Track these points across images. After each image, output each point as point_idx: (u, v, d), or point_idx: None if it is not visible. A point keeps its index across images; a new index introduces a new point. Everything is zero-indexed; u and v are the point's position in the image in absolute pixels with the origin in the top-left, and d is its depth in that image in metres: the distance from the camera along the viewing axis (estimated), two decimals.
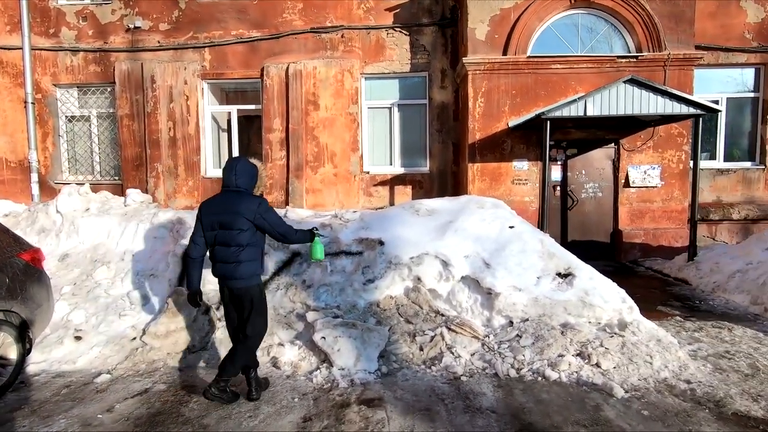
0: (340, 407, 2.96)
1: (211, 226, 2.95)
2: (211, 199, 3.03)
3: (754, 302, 4.87)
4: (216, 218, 2.94)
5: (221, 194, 3.00)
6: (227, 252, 2.94)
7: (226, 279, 2.99)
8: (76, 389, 3.26)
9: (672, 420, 2.77)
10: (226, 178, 2.98)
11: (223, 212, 2.92)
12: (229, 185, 2.97)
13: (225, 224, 2.92)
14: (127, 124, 8.73)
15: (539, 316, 3.84)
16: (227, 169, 2.99)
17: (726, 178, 8.45)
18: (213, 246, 2.98)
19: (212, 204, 2.99)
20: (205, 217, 2.97)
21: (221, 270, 2.99)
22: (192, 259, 3.03)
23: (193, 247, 3.01)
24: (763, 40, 8.25)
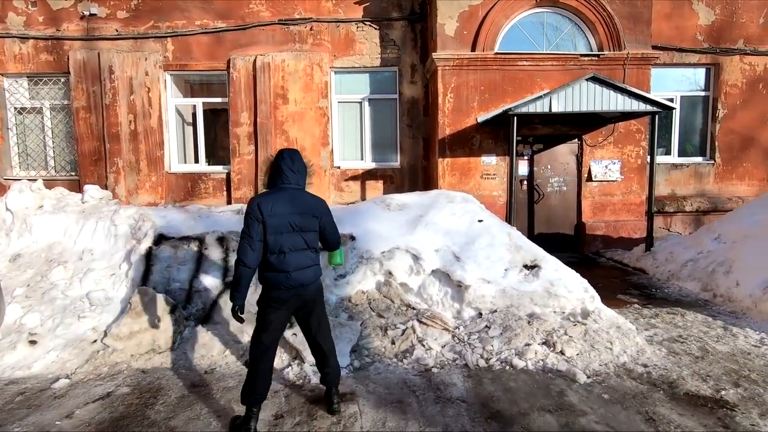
0: (311, 403, 2.95)
1: (278, 229, 2.56)
2: (268, 197, 2.58)
3: (704, 289, 5.19)
4: (287, 219, 2.57)
5: (283, 192, 2.61)
6: (303, 257, 2.64)
7: (300, 287, 2.63)
8: (32, 396, 3.10)
9: (630, 402, 2.93)
10: (284, 173, 2.61)
11: (294, 212, 2.59)
12: (290, 182, 2.63)
13: (298, 226, 2.60)
14: (83, 116, 8.29)
15: (507, 307, 3.95)
16: (287, 164, 2.63)
17: (680, 172, 8.92)
18: (281, 252, 2.57)
19: (276, 203, 2.56)
20: (270, 218, 2.53)
21: (298, 278, 2.60)
22: (249, 269, 2.54)
23: (251, 254, 2.53)
24: (714, 42, 8.72)
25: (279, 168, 2.64)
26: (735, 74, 8.81)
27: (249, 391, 2.60)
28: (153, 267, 4.12)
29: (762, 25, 8.72)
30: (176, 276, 4.12)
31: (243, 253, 2.54)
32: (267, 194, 2.62)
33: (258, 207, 2.55)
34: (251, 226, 2.54)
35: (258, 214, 2.54)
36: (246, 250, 2.53)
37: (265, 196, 2.60)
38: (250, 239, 2.53)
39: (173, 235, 4.32)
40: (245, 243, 2.54)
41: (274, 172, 2.66)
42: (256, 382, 2.60)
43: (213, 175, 8.64)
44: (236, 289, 2.58)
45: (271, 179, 2.68)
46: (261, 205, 2.55)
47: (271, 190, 2.65)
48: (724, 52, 8.72)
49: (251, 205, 2.57)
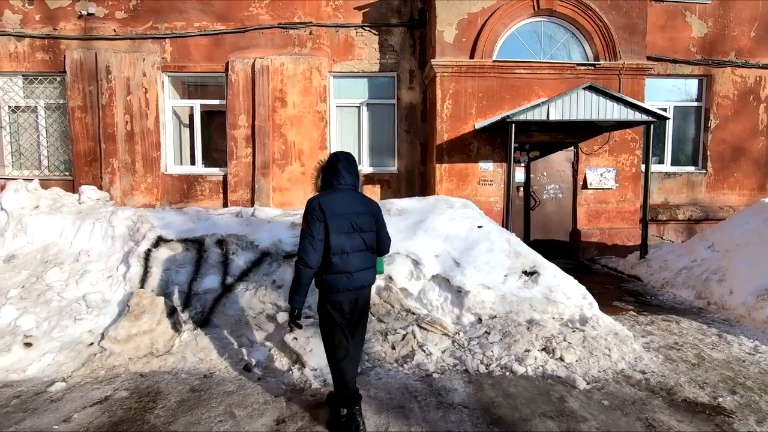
0: (313, 408, 2.94)
1: (340, 229, 2.52)
2: (328, 197, 2.55)
3: (698, 296, 5.26)
4: (348, 219, 2.53)
5: (341, 192, 2.58)
6: (364, 257, 2.61)
7: (360, 289, 2.61)
8: (28, 399, 3.05)
9: (629, 408, 2.95)
10: (341, 174, 2.60)
11: (354, 212, 2.56)
12: (347, 183, 2.62)
13: (358, 226, 2.57)
14: (79, 116, 8.22)
15: (506, 313, 3.97)
16: (343, 165, 2.62)
17: (673, 181, 9.06)
18: (344, 253, 2.53)
19: (336, 203, 2.52)
20: (333, 219, 2.49)
21: (359, 279, 2.58)
22: (311, 270, 2.49)
23: (313, 254, 2.47)
24: (706, 54, 8.89)
25: (336, 169, 2.61)
26: (726, 86, 8.99)
27: (347, 397, 2.59)
28: (151, 269, 4.08)
29: (753, 39, 8.91)
30: (175, 278, 4.09)
31: (305, 253, 2.47)
32: (326, 194, 2.57)
33: (319, 206, 2.49)
34: (313, 225, 2.47)
35: (319, 214, 2.48)
36: (308, 249, 2.47)
37: (325, 196, 2.55)
38: (312, 239, 2.47)
39: (172, 238, 4.29)
40: (307, 243, 2.47)
41: (330, 173, 2.63)
42: (349, 387, 2.59)
43: (209, 178, 8.60)
44: (297, 292, 2.52)
45: (327, 180, 2.64)
46: (322, 205, 2.49)
47: (329, 191, 2.61)
48: (716, 63, 8.90)
49: (312, 205, 2.51)
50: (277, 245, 4.35)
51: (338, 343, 2.63)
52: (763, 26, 8.93)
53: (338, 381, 2.62)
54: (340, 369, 2.61)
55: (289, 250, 4.34)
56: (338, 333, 2.63)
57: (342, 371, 2.61)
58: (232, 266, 4.17)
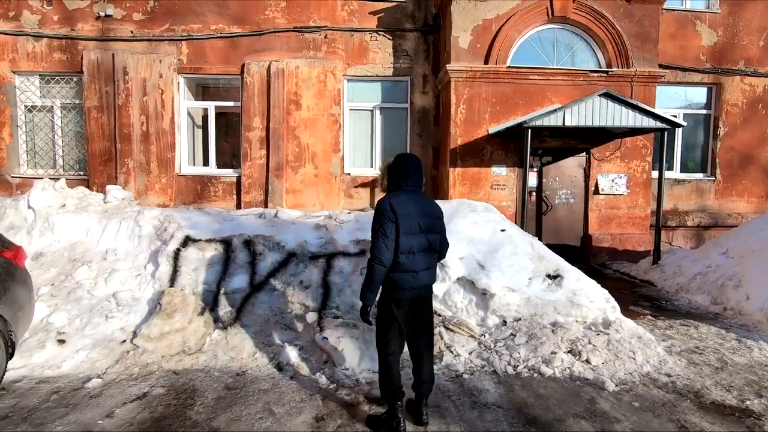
0: (350, 406, 2.99)
1: (410, 229, 2.58)
2: (399, 198, 2.60)
3: (714, 302, 5.32)
4: (417, 220, 2.60)
5: (409, 194, 2.65)
6: (429, 257, 2.70)
7: (423, 287, 2.70)
8: (67, 395, 3.10)
9: (660, 410, 3.01)
10: (409, 176, 2.65)
11: (422, 214, 2.64)
12: (415, 184, 2.68)
13: (427, 227, 2.64)
14: (95, 116, 8.28)
15: (531, 316, 4.03)
16: (411, 167, 2.67)
17: (682, 187, 9.14)
18: (411, 252, 2.59)
19: (406, 204, 2.59)
20: (403, 219, 2.55)
21: (423, 278, 2.67)
22: (384, 268, 2.54)
23: (387, 252, 2.53)
24: (716, 62, 9.00)
25: (404, 171, 2.67)
26: (736, 94, 9.09)
27: (391, 392, 2.65)
28: (181, 268, 4.13)
29: (762, 48, 9.02)
30: (204, 278, 4.14)
31: (380, 252, 2.53)
32: (395, 195, 2.63)
33: (391, 207, 2.55)
34: (386, 225, 2.54)
35: (391, 214, 2.54)
36: (383, 248, 2.53)
37: (395, 197, 2.61)
38: (385, 238, 2.53)
39: (200, 237, 4.34)
40: (381, 242, 2.53)
41: (397, 175, 2.68)
42: (394, 381, 2.67)
43: (223, 179, 8.66)
44: (370, 289, 2.58)
45: (394, 182, 2.70)
46: (394, 205, 2.56)
47: (397, 192, 2.66)
48: (725, 72, 9.01)
49: (383, 205, 2.58)
50: (303, 246, 4.40)
51: (392, 338, 2.71)
52: None
53: (384, 375, 2.70)
54: (388, 363, 2.69)
55: (314, 251, 4.41)
56: (394, 329, 2.70)
57: (389, 366, 2.69)
58: (260, 266, 4.22)
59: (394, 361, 2.71)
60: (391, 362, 2.69)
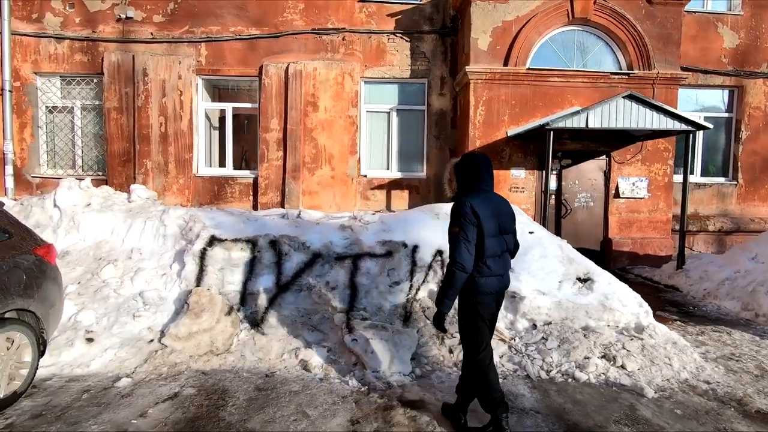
0: (384, 410, 2.93)
1: (492, 231, 2.46)
2: (477, 199, 2.47)
3: (745, 308, 5.19)
4: (497, 222, 2.49)
5: (486, 195, 2.53)
6: (508, 259, 2.62)
7: (504, 289, 2.61)
8: (98, 394, 3.07)
9: (704, 418, 2.92)
10: (484, 177, 2.55)
11: (501, 214, 2.53)
12: (489, 185, 2.57)
13: (504, 229, 2.54)
14: (114, 117, 8.34)
15: (562, 320, 3.94)
16: (485, 168, 2.56)
17: (703, 192, 8.99)
18: (495, 255, 2.48)
19: (486, 206, 2.47)
20: (486, 221, 2.43)
21: (506, 281, 2.60)
22: (467, 274, 2.41)
23: (469, 257, 2.40)
24: (738, 65, 8.87)
25: (478, 172, 2.54)
26: (758, 97, 8.94)
27: (496, 402, 2.51)
28: (207, 268, 4.11)
29: None
30: (230, 278, 4.12)
31: (461, 257, 2.40)
32: (473, 196, 2.49)
33: (472, 209, 2.41)
34: (467, 228, 2.40)
35: (473, 217, 2.41)
36: (465, 253, 2.40)
37: (474, 198, 2.47)
38: (468, 243, 2.40)
39: (226, 237, 4.32)
40: (464, 247, 2.40)
41: (470, 175, 2.55)
42: (497, 390, 2.54)
43: (240, 180, 8.67)
44: (448, 296, 2.45)
45: (466, 183, 2.56)
46: (475, 207, 2.42)
47: (474, 193, 2.52)
48: (748, 75, 8.87)
49: (464, 207, 2.43)
50: (329, 247, 4.37)
51: (486, 347, 2.56)
52: None
53: (486, 385, 2.53)
54: (487, 371, 2.54)
55: (340, 252, 4.37)
56: (484, 334, 2.56)
57: (489, 374, 2.54)
58: (286, 267, 4.19)
59: (492, 368, 2.56)
60: (490, 370, 2.55)
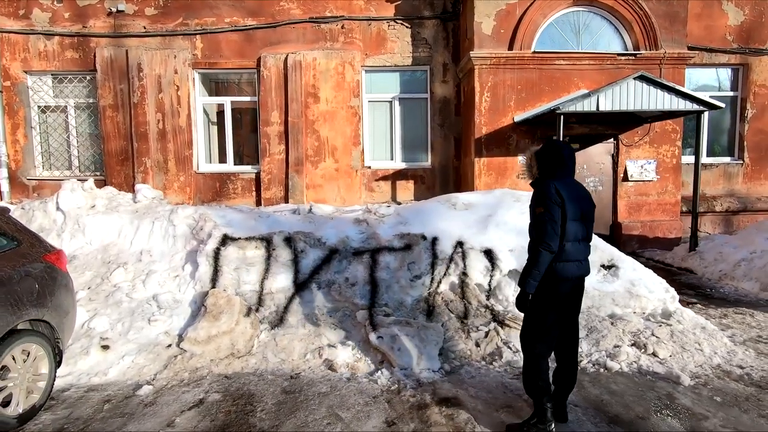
0: (418, 409, 2.85)
1: (575, 216, 2.42)
2: (562, 182, 2.44)
3: (764, 288, 5.15)
4: (580, 207, 2.46)
5: (570, 180, 2.51)
6: (588, 246, 2.57)
7: (583, 277, 2.56)
8: (119, 404, 2.96)
9: (745, 405, 2.85)
10: (566, 163, 2.51)
11: (583, 200, 2.49)
12: (571, 172, 2.54)
13: (585, 215, 2.50)
14: (110, 115, 8.12)
15: (588, 308, 3.87)
16: (567, 154, 2.53)
17: (709, 172, 8.92)
18: (576, 240, 2.45)
19: (569, 189, 2.44)
20: (570, 204, 2.39)
21: (586, 268, 2.55)
22: (552, 254, 2.38)
23: (555, 238, 2.37)
24: (743, 42, 8.74)
25: (561, 158, 2.50)
26: (764, 74, 8.84)
27: (543, 390, 2.49)
28: (222, 268, 3.99)
29: None
30: (245, 278, 3.99)
31: (549, 237, 2.35)
32: (558, 180, 2.45)
33: (557, 190, 2.39)
34: (553, 209, 2.36)
35: (558, 198, 2.37)
36: (551, 233, 2.36)
37: (560, 181, 2.44)
38: (554, 223, 2.36)
39: (239, 236, 4.19)
40: (549, 227, 2.36)
41: (552, 161, 2.50)
42: (546, 379, 2.51)
43: (242, 175, 8.50)
44: (533, 276, 2.40)
45: (548, 168, 2.50)
46: (560, 189, 2.39)
47: (557, 178, 2.47)
48: (753, 52, 8.75)
49: (549, 189, 2.40)
50: (345, 242, 4.25)
51: (547, 332, 2.50)
52: None
53: (535, 372, 2.51)
54: (539, 359, 2.51)
55: (356, 247, 4.25)
56: (553, 328, 2.51)
57: (540, 362, 2.50)
58: (302, 264, 4.07)
59: (546, 356, 2.53)
60: (544, 357, 2.52)
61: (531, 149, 2.64)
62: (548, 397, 2.50)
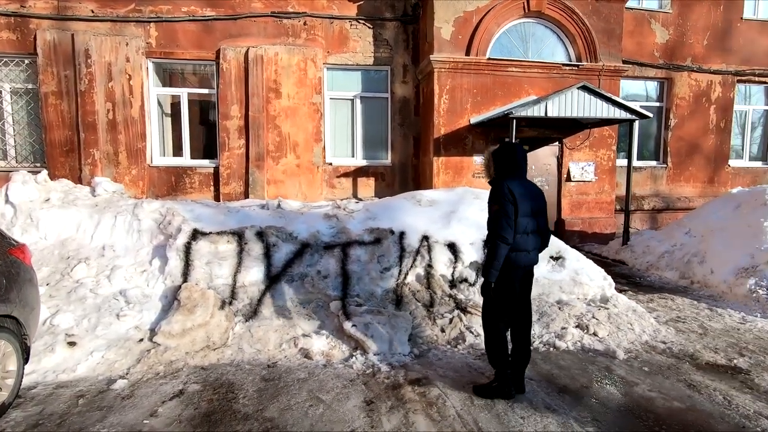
0: (393, 389, 3.08)
1: (525, 212, 2.77)
2: (513, 182, 2.78)
3: (682, 277, 5.92)
4: (529, 203, 2.79)
5: (522, 180, 2.85)
6: (536, 238, 2.89)
7: (532, 265, 2.93)
8: (95, 398, 2.94)
9: (667, 373, 3.37)
10: (520, 164, 2.85)
11: (533, 198, 2.84)
12: (524, 172, 2.89)
13: (534, 211, 2.84)
14: (53, 102, 7.61)
15: (539, 295, 4.30)
16: (520, 156, 2.86)
17: (639, 174, 9.91)
18: (525, 233, 2.79)
19: (521, 188, 2.78)
20: (521, 201, 2.74)
21: (534, 257, 2.90)
22: (508, 246, 2.72)
23: (510, 232, 2.71)
24: (667, 59, 9.80)
25: (515, 159, 2.85)
26: (684, 88, 9.96)
27: (503, 359, 2.90)
28: (194, 262, 3.99)
29: (706, 47, 9.93)
30: (218, 272, 4.03)
31: (505, 231, 2.70)
32: (510, 179, 2.79)
33: (509, 189, 2.72)
34: (507, 206, 2.71)
35: (510, 196, 2.71)
36: (507, 228, 2.70)
37: (512, 182, 2.77)
38: (508, 218, 2.71)
39: (209, 230, 4.20)
40: (505, 222, 2.70)
41: (507, 162, 2.84)
42: (504, 350, 2.91)
43: (199, 170, 8.31)
44: (494, 266, 2.74)
45: (504, 169, 2.84)
46: (512, 188, 2.73)
47: (510, 178, 2.81)
48: (676, 68, 9.83)
49: (502, 188, 2.74)
50: (316, 236, 4.39)
51: (503, 315, 2.92)
52: (714, 36, 9.96)
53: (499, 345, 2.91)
54: (501, 334, 2.92)
55: (327, 241, 4.41)
56: (509, 304, 2.90)
57: (502, 337, 2.92)
58: (275, 258, 4.17)
59: (505, 332, 2.94)
60: (503, 334, 2.92)
61: (489, 150, 3.00)
62: (508, 366, 2.92)
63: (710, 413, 2.81)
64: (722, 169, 10.33)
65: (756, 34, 10.18)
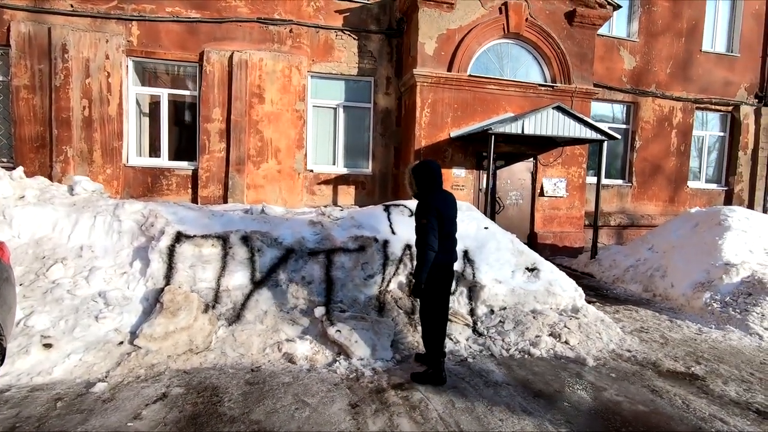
0: (377, 392, 3.17)
1: (449, 220, 3.28)
2: (438, 197, 3.28)
3: (645, 290, 6.28)
4: (451, 212, 3.32)
5: (441, 192, 3.35)
6: (454, 240, 3.40)
7: (455, 263, 3.41)
8: (74, 401, 2.89)
9: (632, 379, 3.60)
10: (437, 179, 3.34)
11: (452, 207, 3.36)
12: (440, 185, 3.38)
13: (454, 216, 3.38)
14: (25, 96, 7.37)
15: (515, 305, 4.49)
16: (437, 173, 3.35)
17: (606, 192, 10.43)
18: (449, 238, 3.29)
19: (443, 201, 3.29)
20: (446, 211, 3.26)
21: (454, 256, 3.38)
22: (435, 253, 3.18)
23: (436, 242, 3.18)
24: (634, 84, 10.41)
25: (433, 175, 3.35)
26: (648, 112, 10.60)
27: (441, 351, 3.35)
28: (177, 265, 3.96)
29: (669, 75, 10.62)
30: (201, 275, 4.01)
31: (433, 241, 3.17)
32: (434, 194, 3.30)
33: (436, 204, 3.23)
34: (433, 221, 3.18)
35: (436, 212, 3.20)
36: (433, 239, 3.17)
37: (435, 197, 3.29)
38: (434, 230, 3.18)
39: (193, 234, 4.18)
40: (432, 234, 3.17)
41: (428, 179, 3.33)
42: (441, 341, 3.35)
43: (177, 171, 8.18)
44: (425, 271, 3.20)
45: (425, 185, 3.33)
46: (437, 203, 3.24)
47: (433, 193, 3.31)
48: (641, 93, 10.46)
49: (430, 204, 3.23)
50: (301, 242, 4.44)
51: (444, 309, 3.42)
52: (676, 65, 10.68)
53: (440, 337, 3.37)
54: (443, 326, 3.40)
55: (312, 247, 4.47)
56: (444, 302, 3.40)
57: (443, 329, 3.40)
58: (260, 263, 4.19)
59: (444, 322, 3.40)
60: (442, 323, 3.38)
61: (409, 168, 3.43)
62: (443, 355, 3.36)
63: (671, 416, 3.03)
64: (682, 190, 11.01)
65: (713, 65, 10.98)
